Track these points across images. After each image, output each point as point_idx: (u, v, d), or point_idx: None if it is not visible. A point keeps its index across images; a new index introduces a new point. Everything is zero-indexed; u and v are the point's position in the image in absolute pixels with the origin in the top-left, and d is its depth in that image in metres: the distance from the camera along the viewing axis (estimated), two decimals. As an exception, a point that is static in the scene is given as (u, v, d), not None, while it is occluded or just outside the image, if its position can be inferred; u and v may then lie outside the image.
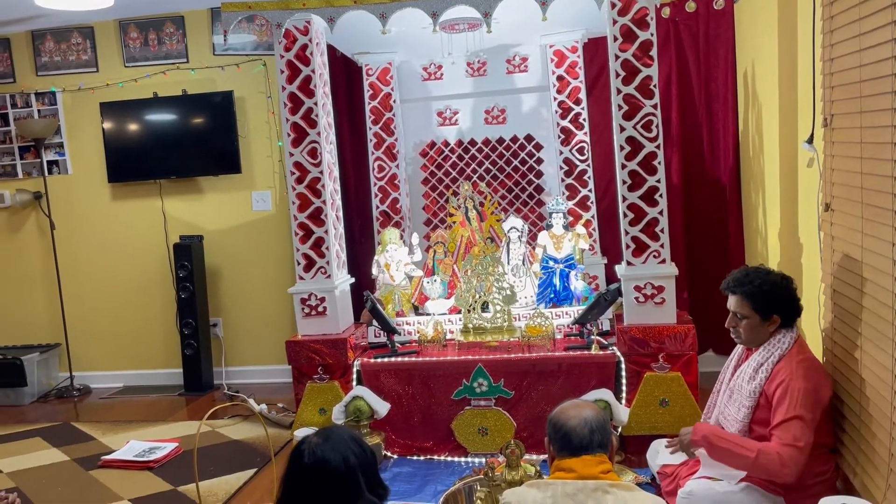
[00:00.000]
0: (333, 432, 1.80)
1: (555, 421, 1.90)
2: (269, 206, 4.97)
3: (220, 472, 3.46)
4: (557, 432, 1.87)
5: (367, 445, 1.81)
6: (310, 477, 1.72)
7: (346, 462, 1.71)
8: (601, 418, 1.88)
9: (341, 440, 1.76)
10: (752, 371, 2.42)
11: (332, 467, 1.70)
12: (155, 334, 5.15)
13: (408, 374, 3.50)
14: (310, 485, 1.71)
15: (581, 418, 1.85)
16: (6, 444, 4.13)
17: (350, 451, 1.74)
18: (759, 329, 2.43)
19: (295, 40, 3.51)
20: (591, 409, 1.91)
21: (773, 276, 2.45)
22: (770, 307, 2.40)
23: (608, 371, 3.34)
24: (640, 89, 3.24)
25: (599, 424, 1.85)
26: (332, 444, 1.74)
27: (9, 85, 5.15)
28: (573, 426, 1.84)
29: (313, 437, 1.78)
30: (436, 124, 4.57)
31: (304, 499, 1.72)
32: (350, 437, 1.79)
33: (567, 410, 1.90)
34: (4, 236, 5.29)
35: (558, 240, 3.83)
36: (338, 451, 1.72)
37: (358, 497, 1.73)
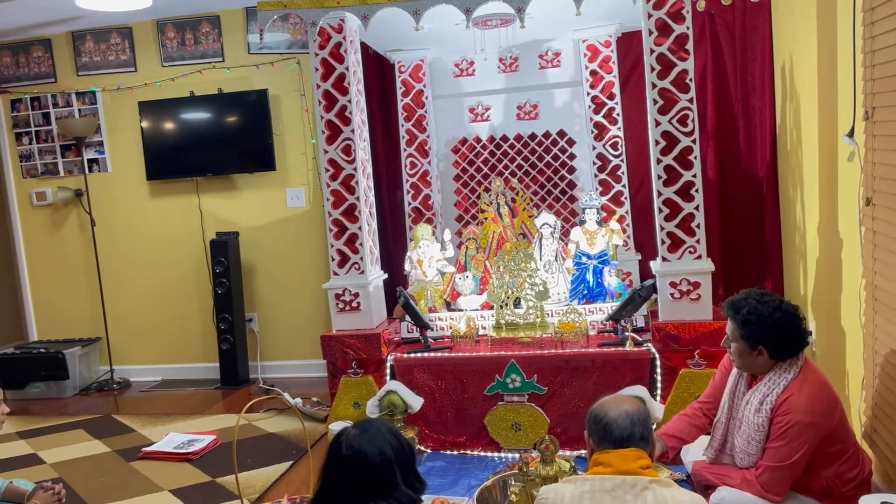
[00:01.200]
0: (371, 425, 1.83)
1: (595, 413, 1.90)
2: (302, 203, 5.02)
3: (257, 464, 3.52)
4: (597, 424, 1.87)
5: (405, 439, 1.84)
6: (346, 468, 1.75)
7: (382, 454, 1.75)
8: (643, 412, 1.87)
9: (378, 433, 1.79)
10: (758, 403, 2.34)
11: (368, 459, 1.73)
12: (192, 329, 5.24)
13: (441, 369, 3.52)
14: (346, 476, 1.75)
15: (622, 411, 1.85)
16: (50, 435, 4.24)
17: (387, 443, 1.77)
18: (746, 356, 2.37)
19: (329, 38, 3.55)
20: (632, 403, 1.91)
21: (768, 307, 2.31)
22: (754, 338, 2.31)
23: (643, 368, 3.32)
24: (675, 83, 3.21)
25: (641, 418, 1.85)
26: (368, 437, 1.77)
27: (50, 85, 5.28)
28: (613, 417, 1.84)
29: (351, 429, 1.82)
30: (468, 120, 4.58)
31: (341, 489, 1.75)
32: (388, 430, 1.82)
33: (607, 404, 1.91)
34: (47, 233, 5.43)
35: (591, 235, 3.81)
36: (374, 444, 1.76)
37: (394, 489, 1.76)
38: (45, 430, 4.34)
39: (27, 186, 5.41)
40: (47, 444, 4.08)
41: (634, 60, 4.32)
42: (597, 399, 3.21)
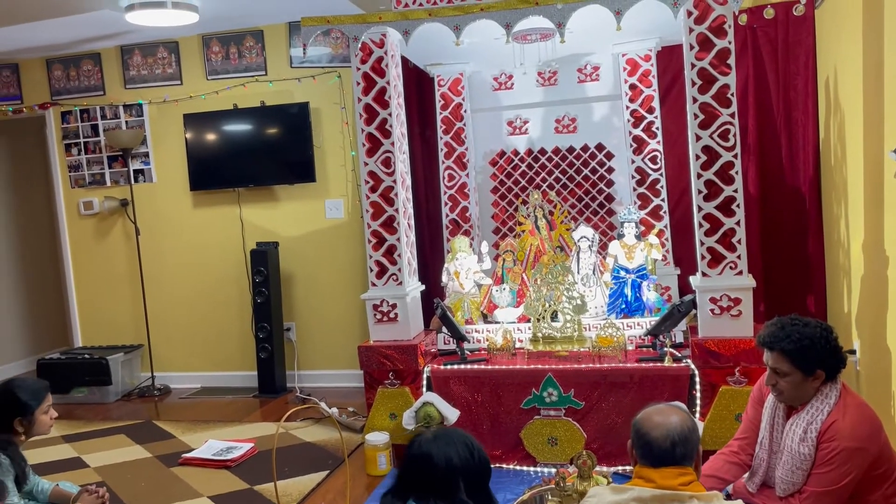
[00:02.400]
0: (447, 432, 1.93)
1: (638, 427, 1.87)
2: (341, 214, 5.08)
3: (294, 472, 3.56)
4: (640, 439, 1.85)
5: (482, 455, 1.90)
6: (413, 466, 1.87)
7: (448, 461, 1.82)
8: (686, 429, 1.83)
9: (451, 441, 1.87)
10: (802, 432, 2.27)
11: (433, 462, 1.82)
12: (231, 337, 5.33)
13: (477, 382, 3.52)
14: (412, 472, 1.87)
15: (664, 430, 1.81)
16: (93, 439, 4.34)
17: (456, 452, 1.84)
18: (802, 386, 2.26)
19: (371, 53, 3.60)
20: (678, 416, 1.86)
21: (812, 328, 2.25)
22: (813, 362, 2.23)
23: (682, 384, 3.29)
24: (716, 98, 3.19)
25: (683, 436, 1.81)
26: (439, 443, 1.86)
27: (99, 97, 5.44)
28: (655, 437, 1.81)
29: (427, 431, 1.95)
30: (506, 133, 4.60)
31: (409, 485, 1.86)
32: (463, 441, 1.89)
33: (652, 418, 1.86)
34: (94, 241, 5.58)
35: (630, 249, 3.79)
36: (443, 450, 1.84)
37: (453, 497, 1.82)
38: (89, 434, 4.45)
39: (75, 196, 5.57)
40: (91, 448, 4.17)
41: (674, 74, 4.30)
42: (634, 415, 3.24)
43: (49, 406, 2.84)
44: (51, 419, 2.86)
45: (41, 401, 2.80)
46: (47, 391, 2.85)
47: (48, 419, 2.84)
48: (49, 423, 2.85)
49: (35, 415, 2.77)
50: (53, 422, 2.88)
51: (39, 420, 2.80)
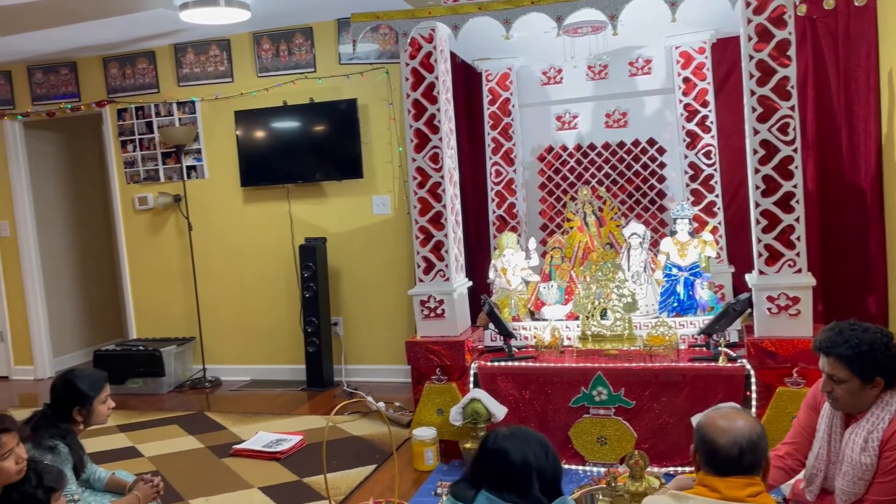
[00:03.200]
0: (522, 431, 1.97)
1: (703, 433, 1.80)
2: (388, 210, 5.10)
3: (342, 466, 3.58)
4: (704, 445, 1.78)
5: (555, 455, 1.93)
6: (488, 460, 1.90)
7: (524, 459, 1.86)
8: (755, 435, 1.75)
9: (525, 439, 1.91)
10: (863, 441, 2.18)
11: (508, 458, 1.86)
12: (280, 331, 5.40)
13: (525, 379, 3.50)
14: (487, 467, 1.90)
15: (732, 437, 1.74)
16: (147, 429, 4.45)
17: (531, 451, 1.88)
18: (859, 394, 2.17)
19: (420, 48, 3.59)
20: (745, 421, 1.79)
21: (871, 333, 2.16)
22: (871, 369, 2.14)
23: (736, 384, 3.20)
24: (776, 90, 3.10)
25: (752, 444, 1.74)
26: (515, 440, 1.91)
27: (153, 95, 5.56)
28: (721, 445, 1.74)
29: (504, 429, 1.98)
30: (554, 129, 4.54)
31: (482, 477, 1.90)
32: (537, 440, 1.93)
33: (717, 423, 1.79)
34: (148, 236, 5.71)
35: (683, 247, 3.71)
36: (518, 447, 1.88)
37: (527, 492, 1.85)
38: (143, 424, 4.55)
39: (130, 192, 5.71)
40: (145, 438, 4.27)
41: (730, 67, 4.20)
42: (687, 416, 3.18)
43: (107, 396, 2.91)
44: (108, 409, 2.92)
45: (99, 391, 2.86)
46: (105, 382, 2.92)
47: (106, 409, 2.90)
48: (106, 413, 2.91)
49: (93, 405, 2.84)
50: (111, 412, 2.95)
51: (97, 410, 2.86)
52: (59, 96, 5.74)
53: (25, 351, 6.08)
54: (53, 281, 6.24)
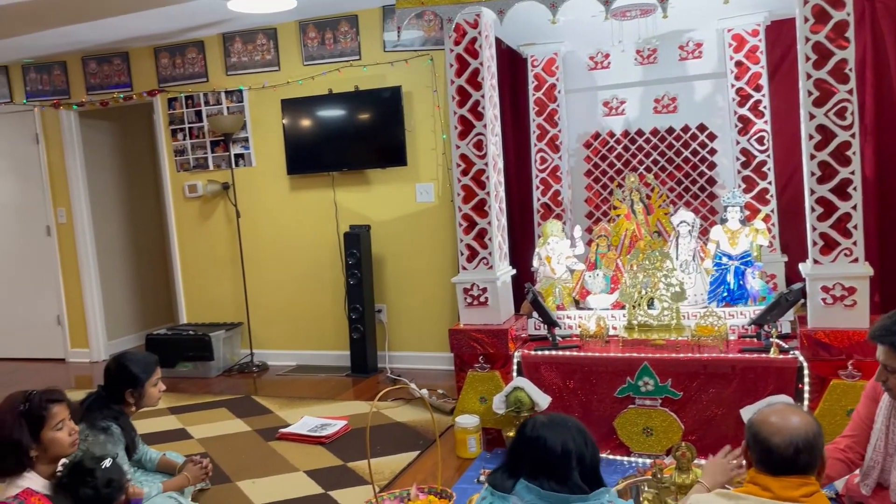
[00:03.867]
0: (560, 418, 1.94)
1: (756, 430, 1.75)
2: (431, 198, 5.09)
3: (386, 451, 3.61)
4: (758, 444, 1.73)
5: (593, 442, 1.90)
6: (526, 448, 1.88)
7: (563, 446, 1.84)
8: (811, 434, 1.70)
9: (564, 427, 1.88)
10: None
11: (547, 445, 1.84)
12: (325, 317, 5.45)
13: (569, 368, 3.46)
14: (526, 455, 1.88)
15: (787, 436, 1.69)
16: (196, 412, 4.55)
17: (570, 437, 1.85)
18: None
19: (464, 34, 3.56)
20: (800, 419, 1.74)
21: None
22: None
23: (787, 376, 3.12)
24: (833, 73, 2.98)
25: (808, 444, 1.69)
26: (554, 427, 1.88)
27: (202, 84, 5.64)
28: (776, 444, 1.69)
29: (541, 416, 1.96)
30: (601, 114, 4.47)
31: (521, 464, 1.88)
32: (576, 427, 1.90)
33: (771, 421, 1.74)
34: (197, 223, 5.82)
35: (734, 235, 3.62)
36: (558, 434, 1.85)
37: (567, 479, 1.83)
38: (192, 407, 4.66)
39: (180, 179, 5.82)
40: (194, 421, 4.37)
41: (784, 50, 4.07)
42: (736, 408, 3.11)
43: (158, 379, 2.98)
44: (159, 392, 3.00)
45: (151, 374, 2.94)
46: (157, 365, 2.99)
47: (157, 392, 2.98)
48: (157, 395, 2.99)
49: (145, 387, 2.91)
50: (161, 395, 3.02)
51: (149, 392, 2.94)
52: (112, 86, 5.88)
53: (81, 334, 6.28)
54: (107, 266, 6.42)
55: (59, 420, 2.25)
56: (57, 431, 2.24)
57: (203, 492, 3.28)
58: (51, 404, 2.24)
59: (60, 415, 2.26)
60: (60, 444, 2.25)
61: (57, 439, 2.24)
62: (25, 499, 1.92)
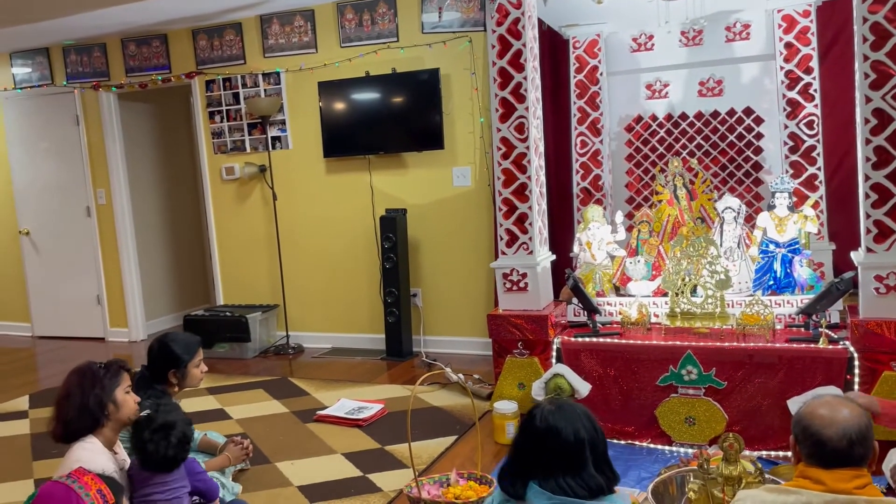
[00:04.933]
0: (567, 404, 1.84)
1: (806, 424, 1.70)
2: (468, 182, 5.05)
3: (423, 436, 3.60)
4: (808, 438, 1.67)
5: (599, 426, 1.82)
6: (539, 440, 1.78)
7: (576, 434, 1.76)
8: (863, 426, 1.65)
9: (574, 413, 1.80)
10: None
11: (561, 435, 1.75)
12: (361, 301, 5.46)
13: (610, 356, 3.41)
14: (538, 449, 1.78)
15: (840, 428, 1.64)
16: (234, 393, 4.59)
17: (581, 425, 1.77)
18: None
19: (507, 14, 3.50)
20: (850, 411, 1.68)
21: None
22: None
23: (837, 367, 3.04)
24: (891, 55, 2.87)
25: (861, 435, 1.63)
26: (564, 415, 1.79)
27: (240, 66, 5.65)
28: (829, 436, 1.64)
29: (546, 404, 1.84)
30: (643, 97, 4.38)
31: (531, 460, 1.78)
32: (583, 412, 1.83)
33: (821, 413, 1.69)
34: (234, 205, 5.85)
35: (781, 222, 3.53)
36: (569, 422, 1.77)
37: (582, 470, 1.75)
38: (230, 387, 4.70)
39: (218, 162, 5.85)
40: (232, 401, 4.41)
41: (836, 31, 3.95)
42: (783, 398, 3.04)
43: (200, 360, 3.00)
44: (201, 373, 3.01)
45: (193, 355, 2.96)
46: (199, 346, 3.01)
47: (199, 373, 3.00)
48: (199, 376, 3.01)
49: (187, 368, 2.93)
50: (203, 376, 3.04)
51: (191, 373, 2.96)
52: (151, 68, 5.91)
53: (120, 314, 6.37)
54: (146, 247, 6.49)
55: (128, 384, 2.39)
56: (128, 394, 2.37)
57: (243, 472, 3.30)
58: (122, 369, 2.39)
59: (128, 381, 2.40)
60: (130, 406, 2.36)
61: (128, 401, 2.36)
62: (78, 478, 1.94)
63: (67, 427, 2.26)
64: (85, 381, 2.29)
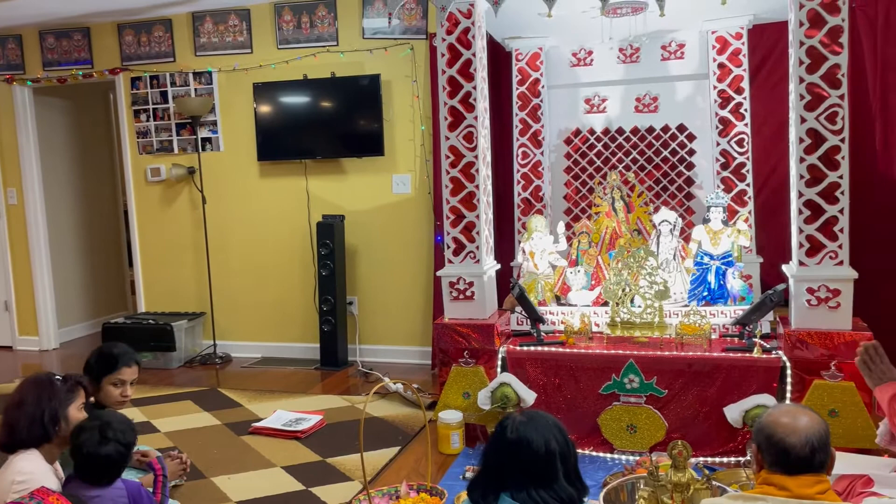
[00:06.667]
0: (538, 415, 1.83)
1: (769, 432, 1.76)
2: (408, 190, 5.01)
3: (366, 447, 3.46)
4: (772, 446, 1.73)
5: (569, 437, 1.79)
6: (510, 453, 1.76)
7: (547, 445, 1.75)
8: (823, 433, 1.73)
9: (546, 424, 1.79)
10: None
11: (533, 447, 1.74)
12: (294, 309, 5.32)
13: (554, 365, 3.45)
14: (509, 461, 1.75)
15: (803, 436, 1.71)
16: (161, 404, 4.38)
17: (553, 436, 1.77)
18: None
19: (457, 24, 3.50)
20: (811, 419, 1.75)
21: None
22: None
23: (771, 376, 3.17)
24: (825, 78, 3.03)
25: (822, 442, 1.71)
26: (535, 426, 1.77)
27: (169, 64, 5.43)
28: (793, 444, 1.70)
29: (517, 415, 1.82)
30: (582, 111, 4.47)
31: (502, 472, 1.76)
32: (554, 424, 1.80)
33: (784, 422, 1.75)
34: (160, 208, 5.61)
35: (716, 235, 3.66)
36: (541, 434, 1.76)
37: (553, 481, 1.73)
38: (156, 399, 4.49)
39: (143, 162, 5.60)
40: (159, 413, 4.21)
41: (765, 54, 4.15)
42: (720, 406, 3.15)
43: (119, 380, 2.77)
44: (120, 395, 2.78)
45: (109, 370, 2.74)
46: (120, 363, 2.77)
47: (115, 392, 2.77)
48: (116, 397, 2.77)
49: (101, 382, 2.73)
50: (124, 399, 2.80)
51: (104, 389, 2.75)
52: (71, 62, 5.61)
53: (30, 321, 6.00)
54: (60, 250, 6.13)
55: (82, 401, 2.30)
56: (79, 412, 2.27)
57: (177, 488, 3.15)
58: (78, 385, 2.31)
59: (83, 397, 2.31)
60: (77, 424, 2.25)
61: (78, 419, 2.25)
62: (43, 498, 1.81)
63: (13, 436, 2.14)
64: (42, 393, 2.18)
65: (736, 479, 2.79)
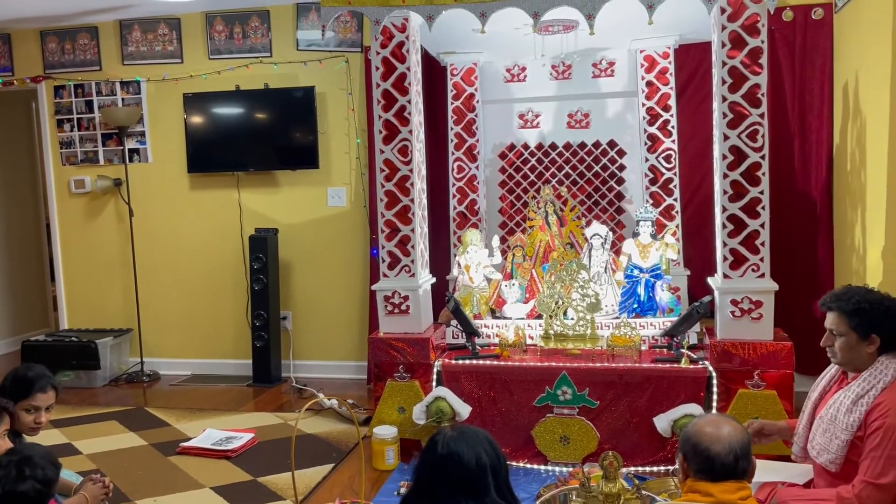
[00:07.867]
0: (469, 430, 1.81)
1: (694, 442, 1.80)
2: (343, 203, 4.97)
3: (299, 465, 3.43)
4: (698, 455, 1.78)
5: (501, 451, 1.79)
6: (441, 468, 1.74)
7: (478, 459, 1.72)
8: (745, 442, 1.78)
9: (476, 438, 1.76)
10: (851, 403, 2.21)
11: (463, 461, 1.71)
12: (226, 325, 5.19)
13: (489, 378, 3.46)
14: (440, 475, 1.73)
15: (726, 444, 1.76)
16: (83, 425, 4.21)
17: (483, 450, 1.74)
18: (855, 349, 2.24)
19: (391, 37, 3.50)
20: (733, 428, 1.80)
21: (876, 294, 2.28)
22: (868, 326, 2.21)
23: (698, 386, 3.25)
24: (746, 97, 3.15)
25: (745, 450, 1.76)
26: (466, 440, 1.75)
27: (95, 73, 5.26)
28: (717, 452, 1.75)
29: (448, 430, 1.80)
30: (516, 126, 4.53)
31: (434, 489, 1.74)
32: (485, 437, 1.79)
33: (708, 431, 1.80)
34: (84, 221, 5.40)
35: (645, 249, 3.75)
36: (471, 448, 1.73)
37: (485, 496, 1.72)
38: (79, 419, 4.30)
39: (66, 174, 5.39)
40: (82, 435, 4.04)
41: (690, 73, 4.29)
42: (650, 416, 3.21)
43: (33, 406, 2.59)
44: (33, 422, 2.60)
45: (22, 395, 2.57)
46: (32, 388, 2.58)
47: (28, 419, 2.59)
48: (29, 423, 2.59)
49: (14, 408, 2.57)
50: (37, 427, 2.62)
51: (18, 415, 2.59)
52: (-11, 69, 5.38)
53: (-58, 340, 5.69)
54: (-25, 266, 5.84)
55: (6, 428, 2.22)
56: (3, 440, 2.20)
57: (99, 512, 3.01)
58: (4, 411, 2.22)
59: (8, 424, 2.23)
60: None
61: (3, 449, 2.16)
62: None
63: None
64: None
65: (665, 488, 2.84)
